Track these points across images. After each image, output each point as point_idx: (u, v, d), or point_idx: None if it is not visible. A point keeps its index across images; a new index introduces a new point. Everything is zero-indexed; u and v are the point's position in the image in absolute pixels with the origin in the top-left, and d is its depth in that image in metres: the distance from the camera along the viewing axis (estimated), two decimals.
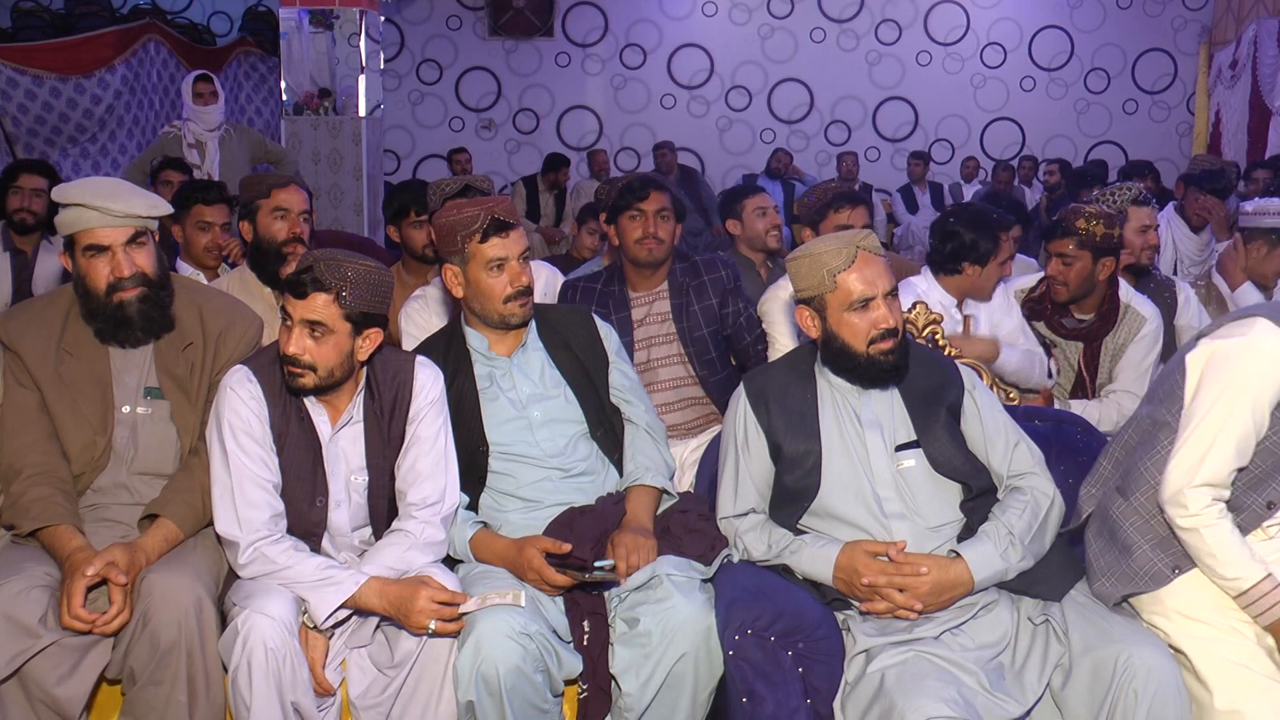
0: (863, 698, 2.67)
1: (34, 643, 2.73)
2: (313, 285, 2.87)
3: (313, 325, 2.89)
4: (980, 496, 3.00)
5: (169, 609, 2.78)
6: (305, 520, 3.01)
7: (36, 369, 3.05)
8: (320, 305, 2.88)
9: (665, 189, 4.05)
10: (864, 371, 2.99)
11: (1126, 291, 4.25)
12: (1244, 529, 2.75)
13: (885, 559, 2.85)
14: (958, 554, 2.87)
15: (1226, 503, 2.74)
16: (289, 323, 2.91)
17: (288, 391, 2.99)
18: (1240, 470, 2.74)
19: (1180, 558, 2.79)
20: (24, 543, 2.99)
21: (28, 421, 3.04)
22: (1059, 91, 13.62)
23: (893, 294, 2.95)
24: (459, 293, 3.24)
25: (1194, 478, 2.71)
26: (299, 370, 2.92)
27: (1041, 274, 4.37)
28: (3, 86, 8.26)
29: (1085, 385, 4.22)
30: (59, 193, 3.05)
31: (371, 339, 2.97)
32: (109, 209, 2.98)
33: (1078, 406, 4.05)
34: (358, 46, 8.14)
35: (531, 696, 2.80)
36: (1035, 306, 4.32)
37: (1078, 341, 4.21)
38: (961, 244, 4.10)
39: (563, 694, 2.94)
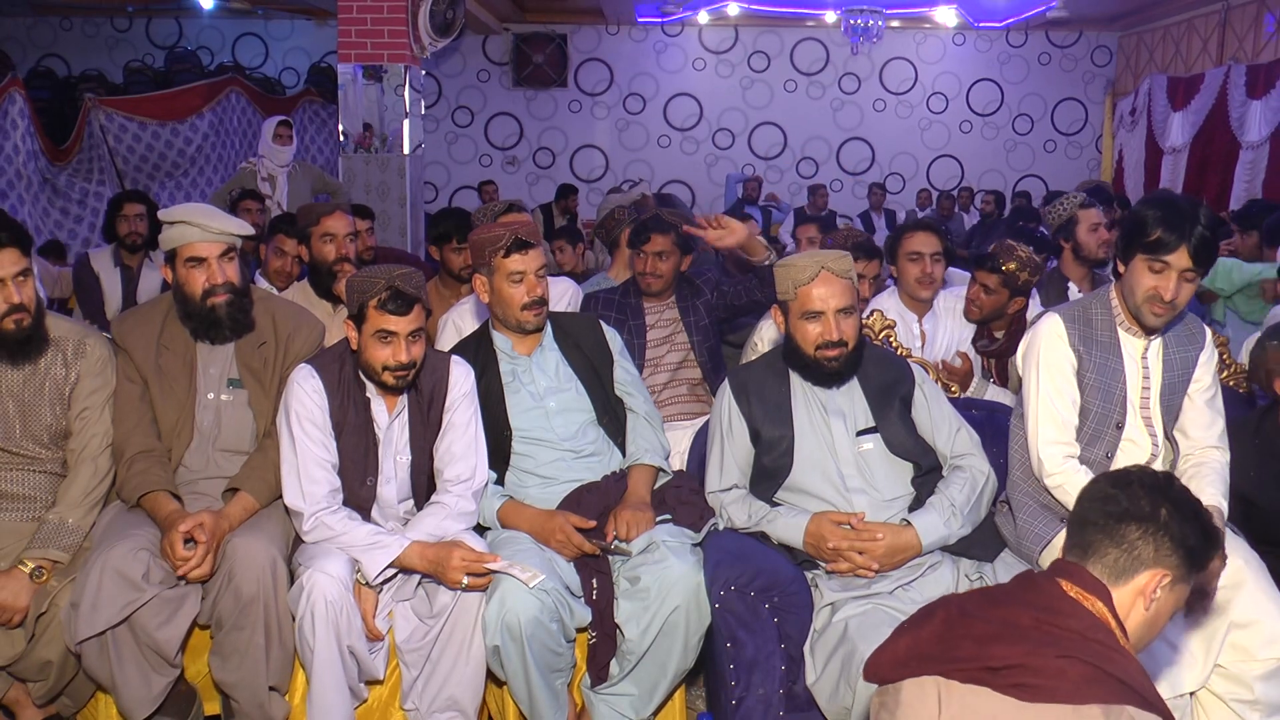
0: (829, 643, 2.67)
1: (139, 595, 2.74)
2: (410, 301, 2.86)
3: (414, 333, 2.90)
4: (927, 474, 3.00)
5: (249, 567, 2.79)
6: (358, 495, 3.00)
7: (141, 362, 3.07)
8: (417, 314, 2.89)
9: (667, 231, 4.00)
10: (810, 371, 2.99)
11: (1033, 310, 4.16)
12: None
13: (848, 527, 2.84)
14: (908, 522, 2.86)
15: (1079, 459, 2.84)
16: (390, 338, 2.87)
17: (390, 391, 2.98)
18: (1079, 430, 2.87)
19: (1054, 521, 2.82)
20: (131, 511, 2.99)
21: (132, 410, 3.05)
22: (991, 133, 13.63)
23: (845, 311, 2.93)
24: (485, 299, 3.23)
25: (1039, 442, 2.85)
26: (407, 373, 2.92)
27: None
28: (115, 131, 8.26)
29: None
30: (166, 213, 3.06)
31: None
32: (208, 226, 3.00)
33: (994, 390, 4.00)
34: (403, 95, 8.11)
35: (548, 642, 2.80)
36: None
37: (990, 358, 4.16)
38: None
39: (575, 640, 2.94)
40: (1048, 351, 2.89)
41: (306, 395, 2.95)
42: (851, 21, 10.99)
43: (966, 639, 1.72)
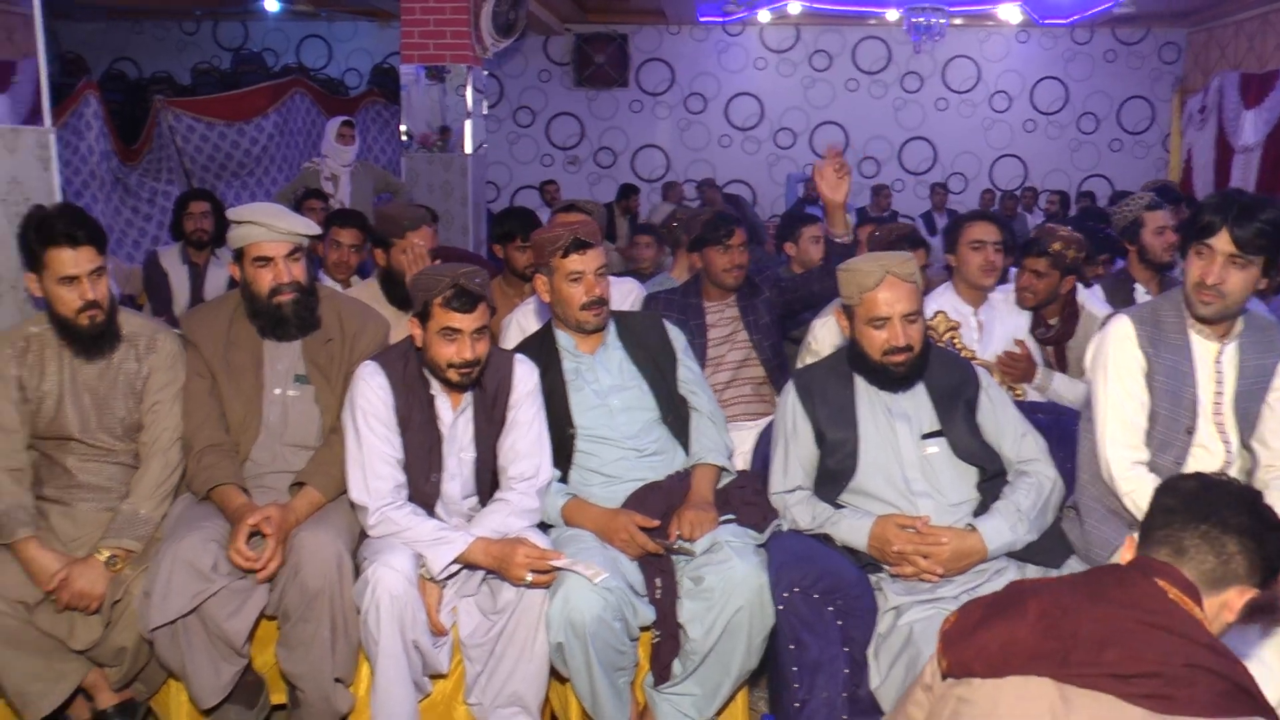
0: (893, 647, 2.65)
1: (208, 586, 2.78)
2: (474, 299, 2.88)
3: (479, 330, 2.91)
4: (993, 479, 2.96)
5: (316, 561, 2.82)
6: (422, 490, 3.01)
7: (209, 357, 3.11)
8: (482, 311, 2.90)
9: (743, 224, 4.01)
10: (876, 376, 2.97)
11: (1082, 295, 4.15)
12: None
13: (912, 530, 2.81)
14: (974, 527, 2.83)
15: (1149, 465, 2.80)
16: (455, 336, 2.89)
17: (454, 388, 3.00)
18: (1148, 435, 2.82)
19: (1122, 527, 2.76)
20: (201, 503, 3.04)
21: (201, 404, 3.10)
22: (1056, 132, 13.40)
23: (911, 316, 2.90)
24: (546, 298, 3.23)
25: (1107, 445, 2.81)
26: (471, 370, 2.94)
27: None
28: (184, 132, 8.38)
29: None
30: (234, 213, 3.10)
31: None
32: (275, 227, 3.04)
33: (1060, 378, 3.95)
34: (464, 96, 8.16)
35: (611, 640, 2.80)
36: None
37: (1049, 345, 4.12)
38: (943, 246, 4.14)
39: (638, 639, 2.94)
40: (1116, 353, 2.84)
41: (372, 391, 2.97)
42: (914, 20, 10.87)
43: (1080, 641, 1.67)
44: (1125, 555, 1.92)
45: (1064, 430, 3.28)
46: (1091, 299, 4.19)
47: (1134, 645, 1.66)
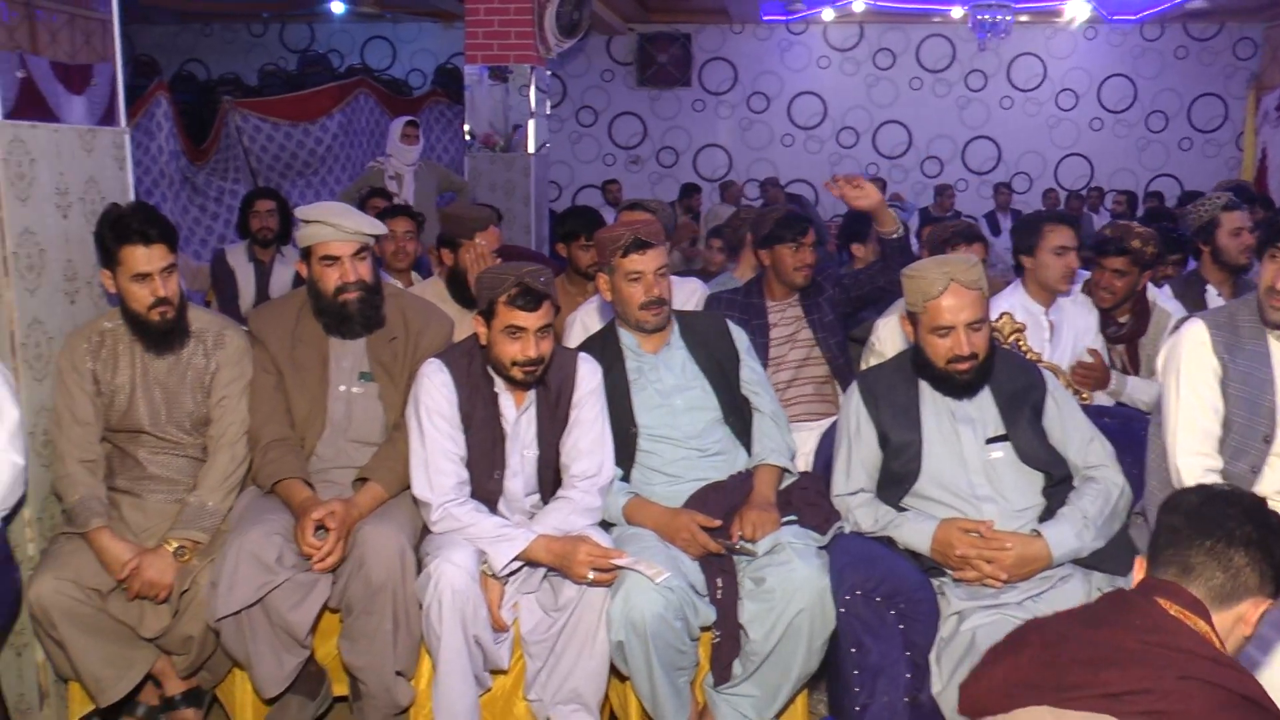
0: (955, 652, 2.62)
1: (273, 577, 2.82)
2: (539, 298, 2.89)
3: (543, 328, 2.92)
4: (1059, 484, 2.91)
5: (379, 555, 2.84)
6: (485, 487, 3.03)
7: (276, 353, 3.16)
8: (546, 310, 2.91)
9: (814, 223, 3.99)
10: (940, 382, 2.93)
11: (1153, 293, 4.09)
12: None
13: (976, 535, 2.78)
14: (1039, 533, 2.78)
15: (1221, 472, 2.73)
16: (520, 334, 2.90)
17: (518, 386, 3.01)
18: (1222, 443, 2.76)
19: None
20: (266, 497, 3.08)
21: (267, 399, 3.14)
22: (1123, 131, 13.15)
23: (976, 324, 2.86)
24: (608, 297, 3.24)
25: (1178, 452, 2.75)
26: (535, 368, 2.95)
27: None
28: (250, 132, 8.51)
29: None
30: (303, 212, 3.15)
31: None
32: (343, 226, 3.08)
33: (1118, 377, 3.89)
34: (527, 96, 8.20)
35: (672, 640, 2.80)
36: None
37: (1120, 344, 4.06)
38: (1015, 246, 4.05)
39: (698, 639, 2.93)
40: (1190, 359, 2.78)
41: (436, 389, 2.99)
42: (979, 17, 10.75)
43: (1074, 664, 1.67)
44: (1136, 578, 1.90)
45: (1131, 435, 3.22)
46: (1163, 296, 4.12)
47: (1127, 664, 1.65)
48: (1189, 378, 2.78)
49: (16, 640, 3.05)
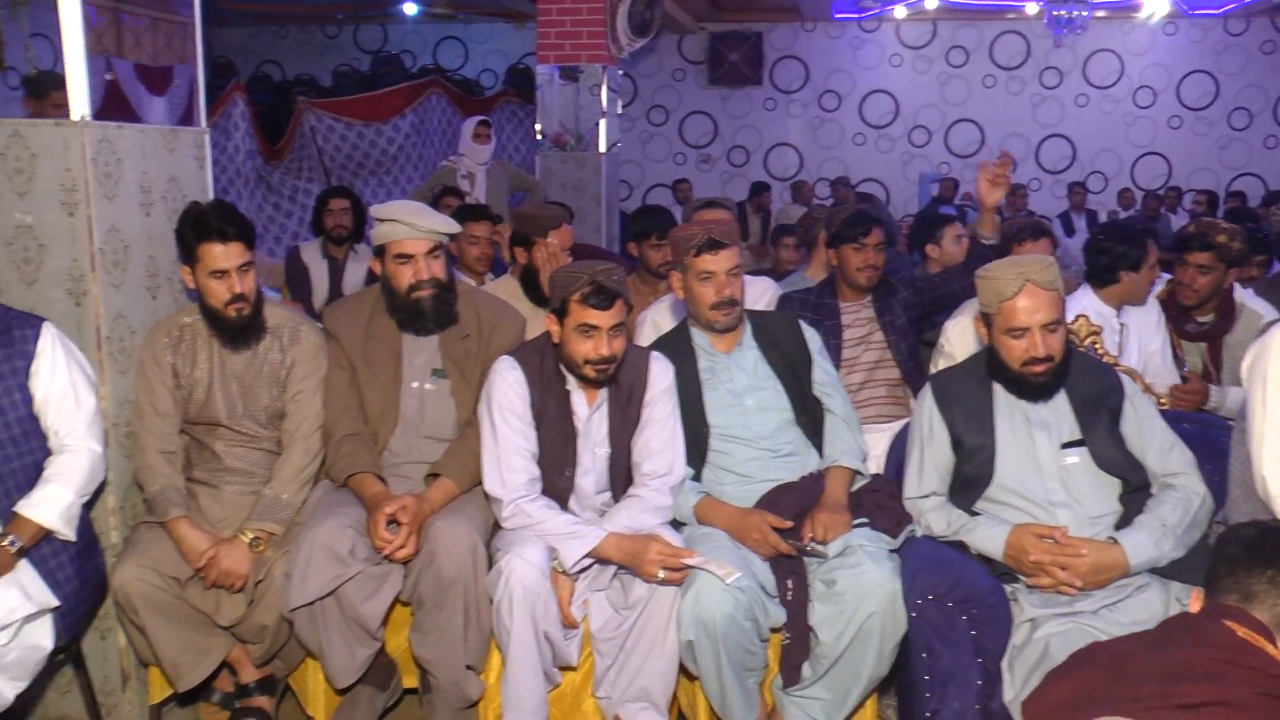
0: (1029, 660, 2.57)
1: (345, 570, 2.86)
2: (612, 296, 2.90)
3: (616, 327, 2.93)
4: (1136, 491, 2.84)
5: (451, 549, 2.87)
6: (556, 485, 3.04)
7: (350, 349, 3.20)
8: (618, 309, 2.93)
9: (881, 224, 3.95)
10: (1015, 385, 2.88)
11: (1240, 293, 4.00)
12: None
13: (1050, 541, 2.72)
14: (1115, 540, 2.72)
15: None
16: (592, 332, 2.92)
17: (590, 384, 3.02)
18: None
19: None
20: (339, 490, 3.13)
21: (341, 394, 3.19)
22: (1203, 129, 12.87)
23: (1051, 325, 2.80)
24: (681, 295, 3.24)
25: (1265, 459, 2.64)
26: (608, 367, 2.97)
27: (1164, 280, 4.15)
28: (324, 131, 8.62)
29: (1213, 381, 3.96)
30: (377, 210, 3.19)
31: None
32: (417, 225, 3.11)
33: (1216, 391, 3.80)
34: (599, 95, 8.24)
35: (742, 640, 2.79)
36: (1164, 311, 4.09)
37: (1201, 342, 3.96)
38: (1115, 256, 3.90)
39: (768, 640, 2.92)
40: (1278, 363, 2.70)
41: (508, 386, 3.01)
42: (1055, 12, 10.55)
43: (1145, 678, 1.68)
44: (1194, 606, 1.92)
45: (1211, 442, 3.14)
46: (1250, 297, 4.03)
47: (1201, 679, 1.67)
48: (1277, 383, 2.69)
49: (101, 624, 3.14)
